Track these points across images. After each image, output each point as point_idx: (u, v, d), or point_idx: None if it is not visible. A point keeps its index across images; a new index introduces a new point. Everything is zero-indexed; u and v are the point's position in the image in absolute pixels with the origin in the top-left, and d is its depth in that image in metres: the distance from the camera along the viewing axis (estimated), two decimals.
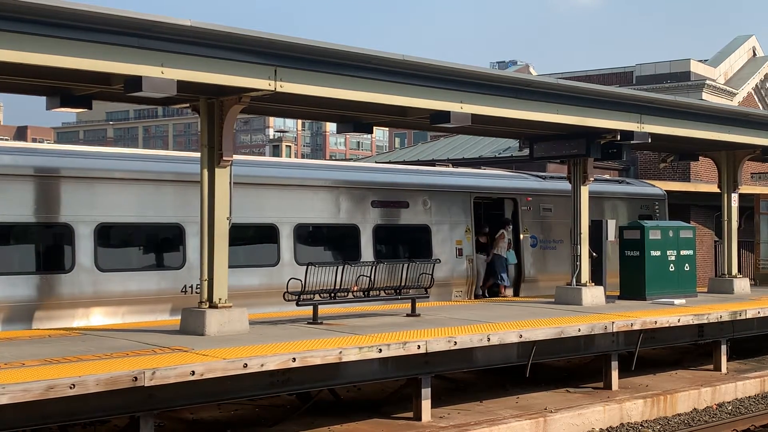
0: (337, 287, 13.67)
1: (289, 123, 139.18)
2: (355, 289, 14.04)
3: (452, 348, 12.06)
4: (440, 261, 16.58)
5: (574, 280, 17.35)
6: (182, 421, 11.82)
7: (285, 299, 13.35)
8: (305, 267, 13.43)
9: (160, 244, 15.08)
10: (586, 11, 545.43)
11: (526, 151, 19.31)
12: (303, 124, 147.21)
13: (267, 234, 16.13)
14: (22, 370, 8.98)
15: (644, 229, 18.62)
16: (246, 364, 9.86)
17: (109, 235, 14.35)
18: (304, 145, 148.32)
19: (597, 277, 18.13)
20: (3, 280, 12.92)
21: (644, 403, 13.85)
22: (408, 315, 14.69)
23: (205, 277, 12.30)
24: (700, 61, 33.99)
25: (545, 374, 15.25)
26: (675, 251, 18.96)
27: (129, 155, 15.48)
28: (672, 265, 18.90)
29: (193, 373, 9.43)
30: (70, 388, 8.51)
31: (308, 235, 17.00)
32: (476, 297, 19.50)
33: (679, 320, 15.53)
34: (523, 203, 20.63)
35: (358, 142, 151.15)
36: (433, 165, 23.22)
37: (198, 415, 12.09)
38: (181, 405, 10.04)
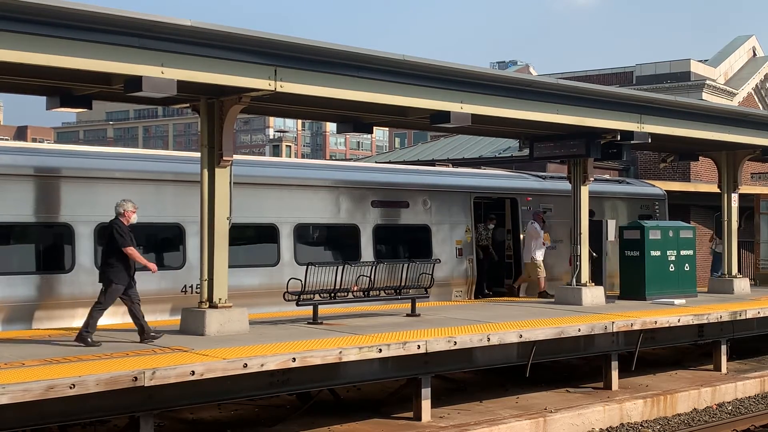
0: (337, 287, 13.68)
1: (289, 123, 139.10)
2: (355, 289, 14.04)
3: (452, 348, 12.06)
4: (440, 261, 16.57)
5: (574, 280, 17.36)
6: (182, 421, 11.82)
7: (285, 299, 13.36)
8: (305, 267, 13.43)
9: (160, 243, 15.07)
10: (583, 11, 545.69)
11: (526, 151, 19.30)
12: (303, 124, 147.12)
13: (267, 234, 16.12)
14: (22, 370, 8.98)
15: (644, 229, 18.62)
16: (246, 364, 9.86)
17: None
18: (304, 145, 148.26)
19: (597, 277, 18.13)
20: (3, 280, 12.91)
21: (644, 403, 13.84)
22: (408, 315, 14.69)
23: (205, 277, 12.31)
24: (700, 61, 33.99)
25: (545, 374, 15.25)
26: (675, 251, 18.96)
27: (129, 155, 15.48)
28: (672, 265, 18.90)
29: (193, 373, 9.43)
30: (70, 388, 8.51)
31: (308, 235, 17.00)
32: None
33: (679, 320, 15.53)
34: (523, 203, 20.62)
35: (358, 142, 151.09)
36: (433, 165, 23.21)
37: (198, 415, 12.09)
38: (181, 405, 10.05)
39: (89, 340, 10.98)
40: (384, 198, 17.98)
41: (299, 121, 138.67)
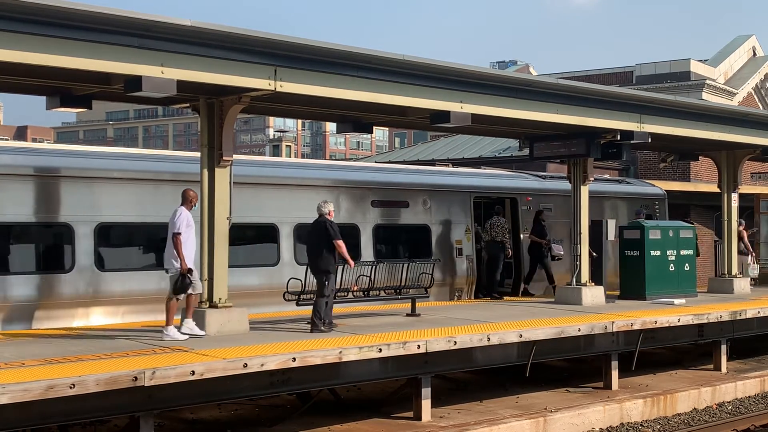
0: (337, 287, 13.67)
1: (289, 123, 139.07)
2: (355, 289, 14.04)
3: (452, 348, 12.06)
4: (440, 261, 16.55)
5: (574, 280, 17.35)
6: (182, 421, 11.82)
7: (285, 299, 13.36)
8: (305, 267, 13.43)
9: (159, 243, 15.05)
10: (582, 11, 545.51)
11: (526, 151, 19.29)
12: (303, 124, 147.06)
13: (267, 234, 16.12)
14: (22, 370, 8.98)
15: (644, 229, 18.61)
16: (246, 364, 9.86)
17: (108, 235, 14.34)
18: (304, 145, 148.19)
19: (597, 277, 18.12)
20: (3, 280, 12.91)
21: (644, 403, 13.84)
22: (408, 315, 14.69)
23: (205, 277, 12.31)
24: (700, 61, 34.01)
25: (545, 374, 15.25)
26: (675, 251, 18.96)
27: (129, 155, 15.48)
28: (672, 264, 18.90)
29: (193, 373, 9.43)
30: (70, 388, 8.51)
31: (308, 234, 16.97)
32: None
33: (679, 320, 15.53)
34: (523, 203, 20.61)
35: (358, 142, 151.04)
36: (433, 165, 23.20)
37: (198, 415, 12.09)
38: (181, 405, 10.05)
39: (323, 327, 12.38)
40: (384, 198, 17.98)
41: (299, 121, 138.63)
